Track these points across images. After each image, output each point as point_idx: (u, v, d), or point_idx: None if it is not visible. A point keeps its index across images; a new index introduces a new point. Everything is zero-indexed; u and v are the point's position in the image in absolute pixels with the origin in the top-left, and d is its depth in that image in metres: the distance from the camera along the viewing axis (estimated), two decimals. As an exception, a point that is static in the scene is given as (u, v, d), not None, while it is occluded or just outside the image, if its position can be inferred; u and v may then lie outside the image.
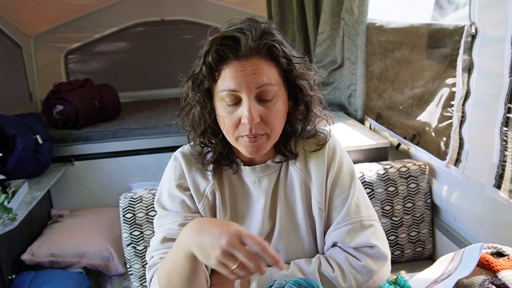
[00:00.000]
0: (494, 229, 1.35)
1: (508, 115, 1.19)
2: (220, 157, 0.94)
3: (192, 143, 0.96)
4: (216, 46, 0.82)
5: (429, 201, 1.64)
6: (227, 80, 0.82)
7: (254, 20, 0.86)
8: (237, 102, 0.83)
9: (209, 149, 0.94)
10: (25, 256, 2.19)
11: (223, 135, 0.90)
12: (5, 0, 3.01)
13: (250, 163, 0.96)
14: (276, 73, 0.85)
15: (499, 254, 0.87)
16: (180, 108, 0.94)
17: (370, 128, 2.17)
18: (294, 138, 0.94)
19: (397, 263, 1.67)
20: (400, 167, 1.64)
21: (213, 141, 0.92)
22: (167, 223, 0.92)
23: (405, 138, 1.84)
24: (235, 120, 0.84)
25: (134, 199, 1.38)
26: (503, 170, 1.24)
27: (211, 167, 0.95)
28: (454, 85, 1.44)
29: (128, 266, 1.37)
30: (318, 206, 0.93)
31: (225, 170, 0.96)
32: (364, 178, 1.61)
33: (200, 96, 0.88)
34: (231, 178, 0.97)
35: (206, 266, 0.90)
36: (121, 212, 1.38)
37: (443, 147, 1.55)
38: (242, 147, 0.87)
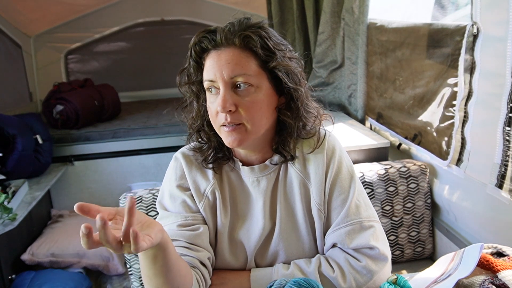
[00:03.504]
0: (495, 229, 1.34)
1: (510, 114, 1.19)
2: (218, 154, 0.94)
3: (193, 142, 0.97)
4: (198, 39, 0.86)
5: (429, 201, 1.64)
6: (207, 70, 0.86)
7: (247, 17, 0.87)
8: (217, 91, 0.85)
9: (208, 146, 0.95)
10: (25, 256, 2.19)
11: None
12: (5, 0, 3.01)
13: (248, 163, 0.95)
14: (255, 64, 0.85)
15: (499, 254, 0.87)
16: (181, 105, 0.96)
17: (371, 128, 2.17)
18: (293, 138, 0.93)
19: (397, 263, 1.66)
20: (400, 167, 1.63)
21: (209, 136, 0.93)
22: (168, 224, 0.92)
23: (406, 138, 1.84)
24: (215, 109, 0.85)
25: (134, 199, 1.37)
26: (505, 169, 1.23)
27: (210, 165, 0.95)
28: (455, 84, 1.44)
29: (128, 266, 1.37)
30: (317, 207, 0.92)
31: (225, 170, 0.96)
32: (364, 178, 1.60)
33: (194, 88, 0.91)
34: (231, 178, 0.96)
35: (203, 264, 0.89)
36: (120, 212, 1.37)
37: (444, 147, 1.54)
38: (224, 136, 0.87)
